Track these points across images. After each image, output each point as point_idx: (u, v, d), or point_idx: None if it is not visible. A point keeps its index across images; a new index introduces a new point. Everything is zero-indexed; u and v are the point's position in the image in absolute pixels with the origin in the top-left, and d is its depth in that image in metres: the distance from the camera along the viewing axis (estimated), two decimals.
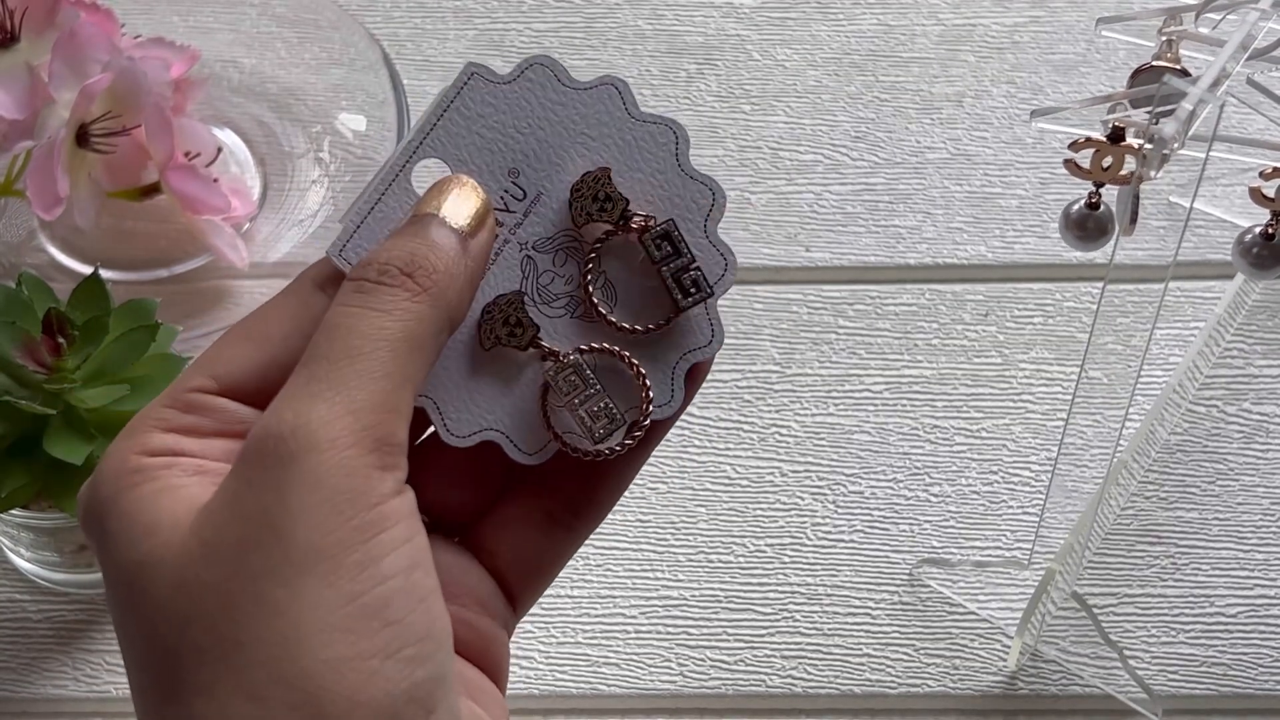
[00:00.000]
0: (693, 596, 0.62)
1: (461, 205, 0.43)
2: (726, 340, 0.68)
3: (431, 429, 0.46)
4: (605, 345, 0.45)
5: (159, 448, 0.41)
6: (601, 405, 0.45)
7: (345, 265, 0.44)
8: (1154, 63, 0.51)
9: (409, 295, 0.41)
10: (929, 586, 0.62)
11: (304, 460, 0.38)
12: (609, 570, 0.63)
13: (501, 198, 0.45)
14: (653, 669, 0.61)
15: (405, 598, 0.39)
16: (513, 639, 0.61)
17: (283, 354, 0.42)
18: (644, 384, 0.45)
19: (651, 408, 0.45)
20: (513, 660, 0.60)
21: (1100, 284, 0.69)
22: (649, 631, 0.61)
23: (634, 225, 0.45)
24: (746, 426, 0.66)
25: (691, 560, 0.63)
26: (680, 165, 0.45)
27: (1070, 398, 0.66)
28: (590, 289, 0.45)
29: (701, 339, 0.46)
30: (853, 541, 0.63)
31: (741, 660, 0.61)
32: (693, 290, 0.45)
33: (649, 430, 0.45)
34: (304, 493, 0.38)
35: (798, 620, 0.62)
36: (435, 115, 0.45)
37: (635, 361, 0.45)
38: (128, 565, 0.39)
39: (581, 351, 0.45)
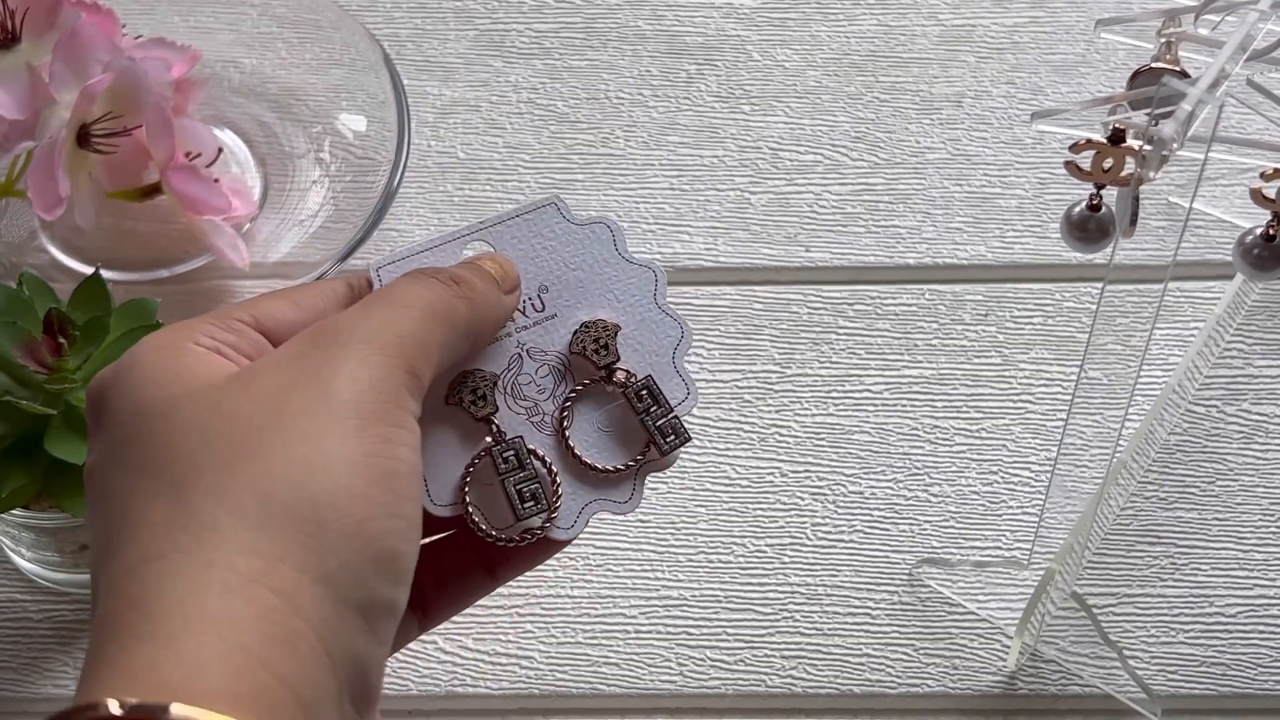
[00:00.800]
0: (693, 596, 0.62)
1: (498, 268, 0.50)
2: (727, 340, 0.68)
3: None
4: (543, 455, 0.51)
5: (205, 343, 0.46)
6: (533, 489, 0.51)
7: (377, 280, 0.51)
8: (1153, 64, 0.51)
9: (453, 291, 0.48)
10: (929, 586, 0.62)
11: (359, 348, 0.45)
12: (609, 570, 0.63)
13: (524, 303, 0.52)
14: (653, 669, 0.61)
15: (407, 484, 0.44)
16: (513, 639, 0.61)
17: (312, 319, 0.48)
18: (555, 503, 0.51)
19: (555, 526, 0.51)
20: (513, 660, 0.60)
21: (1100, 284, 0.69)
22: (649, 631, 0.61)
23: (615, 380, 0.52)
24: (746, 427, 0.66)
25: (691, 560, 0.63)
26: (659, 305, 0.53)
27: (1070, 398, 0.66)
28: (565, 419, 0.52)
29: (620, 497, 0.52)
30: (852, 541, 0.63)
31: (741, 660, 0.61)
32: (671, 436, 0.52)
33: (538, 545, 0.51)
34: (353, 367, 0.44)
35: (797, 620, 0.62)
36: (508, 215, 0.53)
37: (559, 482, 0.51)
38: (155, 401, 0.44)
39: (526, 447, 0.51)
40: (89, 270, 0.59)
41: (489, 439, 0.51)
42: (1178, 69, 0.50)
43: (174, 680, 0.39)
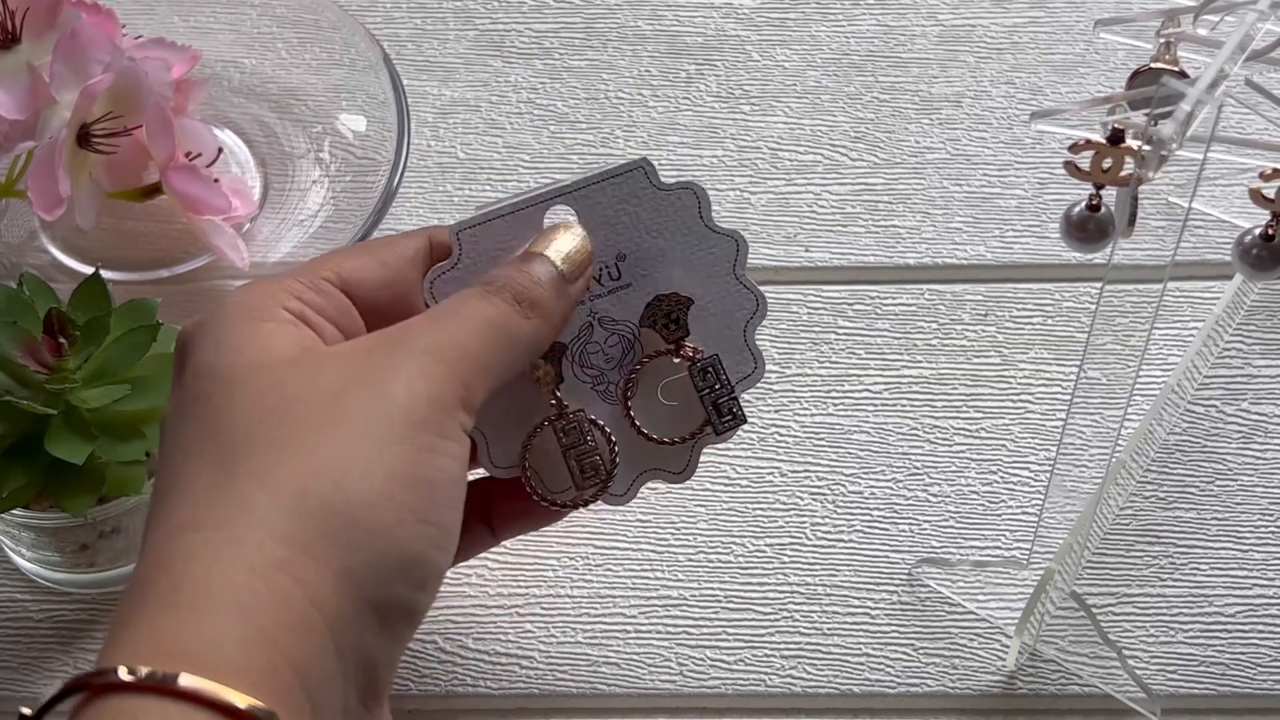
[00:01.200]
0: (693, 596, 0.62)
1: (570, 251, 0.51)
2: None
3: None
4: (603, 424, 0.53)
5: (292, 306, 0.49)
6: (594, 461, 0.53)
7: (456, 244, 0.52)
8: (1152, 64, 0.51)
9: (519, 312, 0.50)
10: (928, 586, 0.62)
11: (422, 358, 0.47)
12: (609, 570, 0.63)
13: (600, 270, 0.53)
14: (653, 669, 0.61)
15: (446, 493, 0.46)
16: (513, 639, 0.61)
17: (398, 279, 0.51)
18: (610, 472, 0.53)
19: (608, 493, 0.53)
20: (513, 660, 0.60)
21: (1099, 284, 0.70)
22: (649, 631, 0.61)
23: (684, 353, 0.53)
24: (746, 427, 0.66)
25: (691, 560, 0.63)
26: (737, 275, 0.54)
27: (1069, 398, 0.66)
28: (629, 389, 0.53)
29: (675, 467, 0.54)
30: (852, 541, 0.64)
31: (741, 660, 0.61)
32: (728, 417, 0.54)
33: (521, 507, 0.53)
34: (412, 375, 0.46)
35: (797, 620, 0.62)
36: (592, 179, 0.53)
37: (617, 452, 0.53)
38: (229, 367, 0.46)
39: (588, 420, 0.53)
40: (89, 270, 0.59)
41: (552, 409, 0.53)
42: (1177, 69, 0.50)
43: (190, 653, 0.41)
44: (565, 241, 0.52)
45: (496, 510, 0.55)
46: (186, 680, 0.41)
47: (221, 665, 0.41)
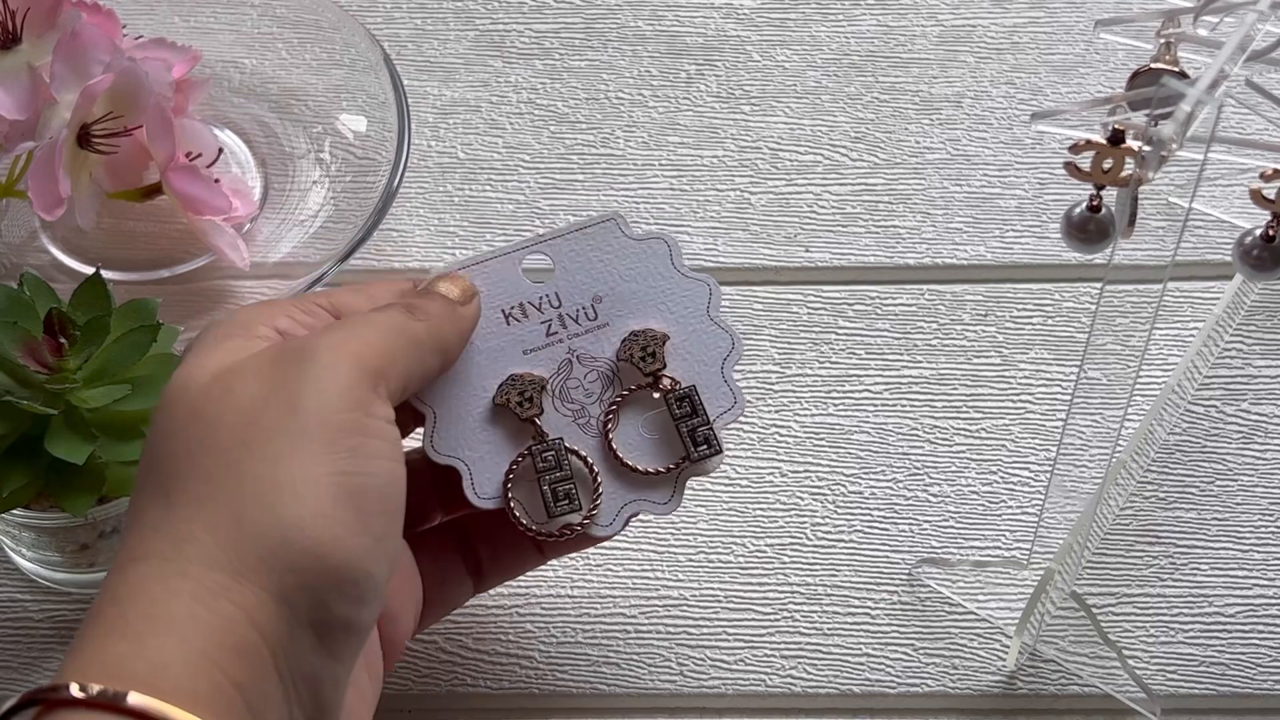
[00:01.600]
0: (693, 596, 0.62)
1: (451, 288, 0.54)
2: None
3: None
4: (585, 455, 0.54)
5: (281, 324, 0.50)
6: (567, 489, 0.54)
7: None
8: (1152, 65, 0.51)
9: (409, 315, 0.51)
10: (928, 586, 0.62)
11: (324, 355, 0.47)
12: (609, 570, 0.63)
13: (578, 311, 0.56)
14: (653, 669, 0.61)
15: (379, 500, 0.47)
16: (513, 639, 0.61)
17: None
18: (596, 502, 0.54)
19: (594, 524, 0.54)
20: (513, 660, 0.60)
21: (1099, 284, 0.70)
22: (649, 631, 0.61)
23: (662, 386, 0.55)
24: (746, 427, 0.66)
25: (691, 560, 0.63)
26: (711, 317, 0.56)
27: (1069, 398, 0.66)
28: (609, 422, 0.55)
29: (659, 498, 0.55)
30: (852, 541, 0.64)
31: (741, 660, 0.61)
32: (704, 445, 0.55)
33: (576, 539, 0.55)
34: (319, 375, 0.47)
35: (797, 620, 0.62)
36: (568, 230, 0.56)
37: (600, 481, 0.55)
38: (171, 388, 0.48)
39: (566, 447, 0.54)
40: (89, 270, 0.59)
41: (532, 439, 0.55)
42: (1177, 69, 0.50)
43: (138, 674, 0.43)
44: (447, 283, 0.54)
45: (480, 557, 0.57)
46: (135, 699, 0.42)
47: (167, 686, 0.43)
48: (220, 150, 0.70)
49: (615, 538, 0.56)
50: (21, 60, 0.65)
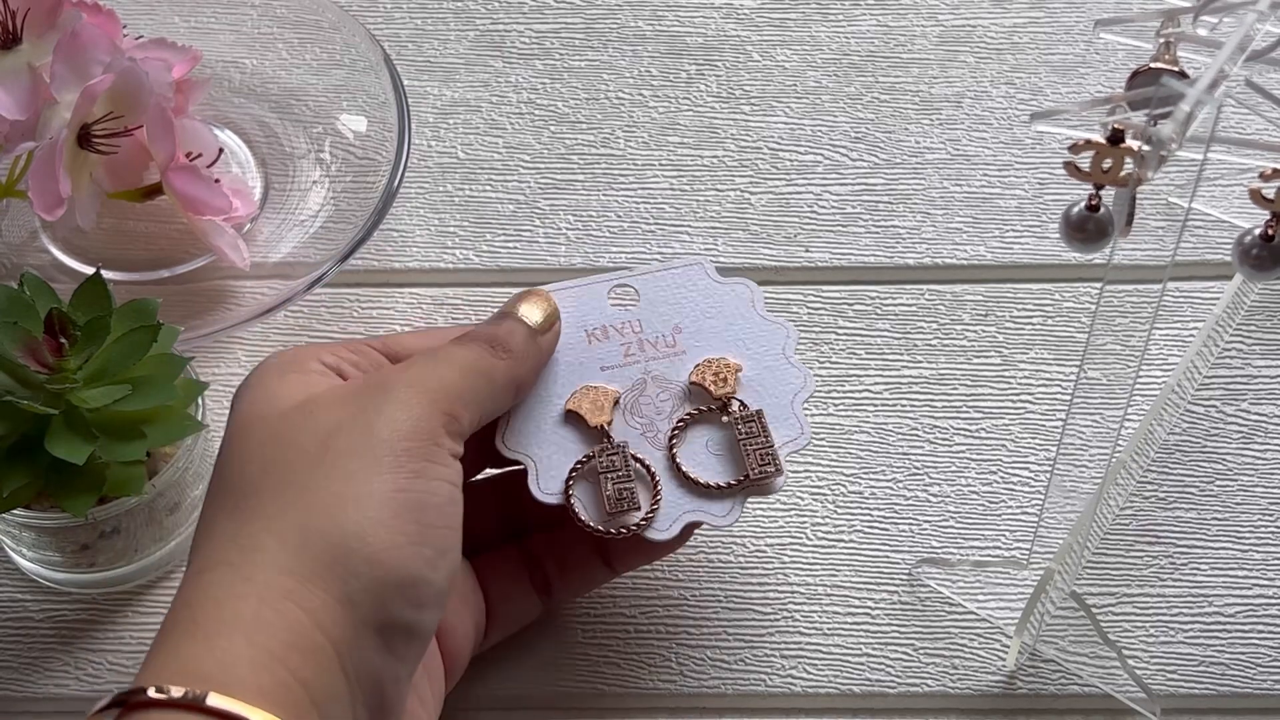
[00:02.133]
0: (693, 596, 0.62)
1: (534, 311, 0.57)
2: None
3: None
4: (648, 463, 0.57)
5: (328, 360, 0.54)
6: (628, 490, 0.57)
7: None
8: (1152, 64, 0.51)
9: (491, 353, 0.55)
10: (928, 586, 0.62)
11: (402, 391, 0.51)
12: None
13: (657, 337, 0.59)
14: (653, 669, 0.61)
15: (438, 515, 0.50)
16: (513, 639, 0.61)
17: (438, 345, 0.55)
18: (655, 505, 0.57)
19: (651, 527, 0.57)
20: (514, 660, 0.60)
21: (1099, 284, 0.70)
22: (649, 631, 0.62)
23: (730, 410, 0.58)
24: None
25: (691, 560, 0.63)
26: (787, 357, 0.59)
27: (1069, 398, 0.66)
28: (675, 436, 0.58)
29: (719, 512, 0.57)
30: (852, 541, 0.64)
31: (741, 660, 0.61)
32: (767, 465, 0.57)
33: (633, 541, 0.57)
34: (394, 410, 0.51)
35: (797, 620, 0.62)
36: (658, 267, 0.61)
37: (661, 490, 0.57)
38: (245, 416, 0.52)
39: (630, 453, 0.57)
40: (90, 270, 0.59)
41: (599, 443, 0.57)
42: (1177, 69, 0.50)
43: (208, 673, 0.46)
44: (531, 304, 0.57)
45: (549, 574, 0.60)
46: (214, 700, 0.45)
47: (236, 684, 0.46)
48: (220, 150, 0.70)
49: (677, 551, 0.59)
50: (22, 60, 0.65)
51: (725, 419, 0.58)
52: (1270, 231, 0.51)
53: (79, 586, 0.62)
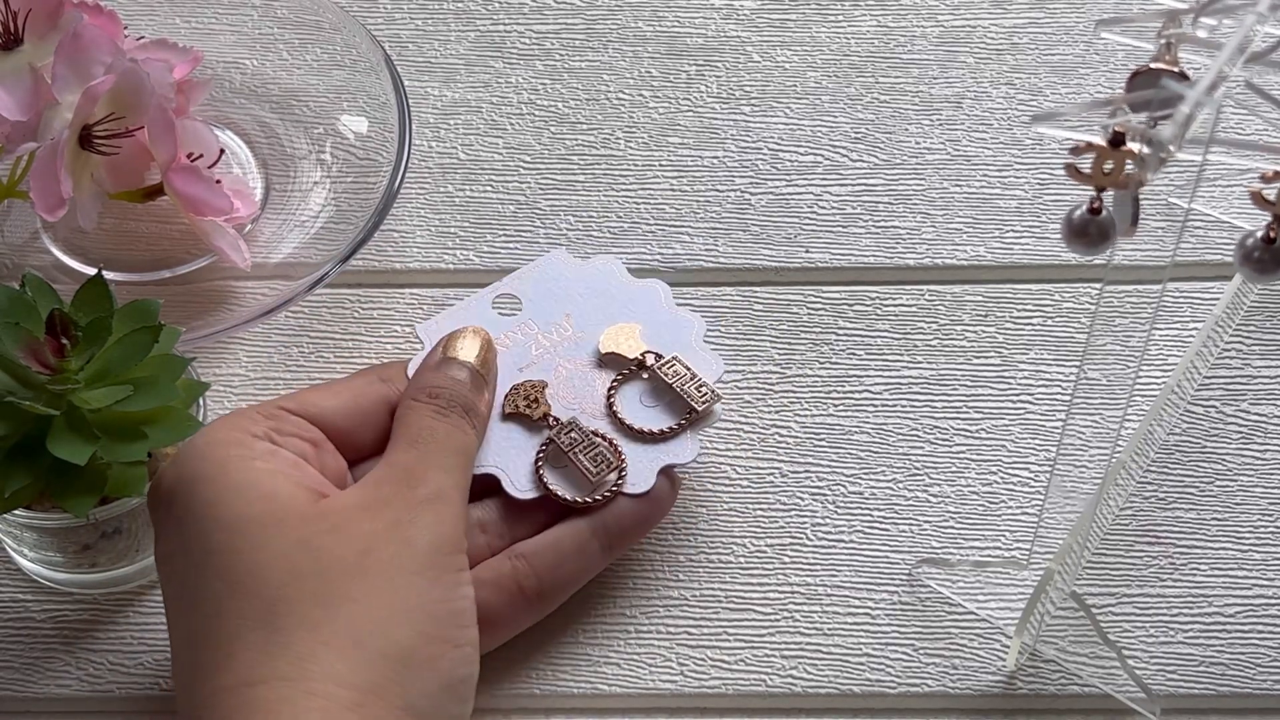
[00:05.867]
0: (693, 596, 0.62)
1: (476, 350, 0.60)
2: (727, 341, 0.68)
3: None
4: (601, 432, 0.60)
5: (258, 431, 0.55)
6: (598, 452, 0.60)
7: (426, 338, 0.62)
8: (1152, 65, 0.51)
9: (474, 429, 0.58)
10: (928, 586, 0.63)
11: (432, 505, 0.54)
12: (609, 570, 0.63)
13: (551, 326, 0.63)
14: (653, 669, 0.61)
15: (470, 614, 0.54)
16: (513, 639, 0.61)
17: (351, 405, 0.59)
18: (623, 463, 0.60)
19: (628, 483, 0.60)
20: (513, 660, 0.60)
21: (1099, 285, 0.70)
22: (649, 631, 0.62)
23: (647, 365, 0.62)
24: (746, 427, 0.66)
25: (691, 560, 0.63)
26: (669, 308, 0.64)
27: (1069, 398, 0.66)
28: (612, 399, 0.61)
29: (680, 451, 0.61)
30: (852, 542, 0.64)
31: (741, 660, 0.61)
32: (704, 393, 0.61)
33: (640, 513, 0.60)
34: (428, 524, 0.53)
35: (797, 620, 0.62)
36: (522, 270, 0.65)
37: (621, 450, 0.60)
38: (242, 519, 0.52)
39: (583, 426, 0.60)
40: (91, 271, 0.59)
41: (548, 430, 0.60)
42: (1176, 70, 0.50)
43: None
44: (469, 343, 0.60)
45: (543, 574, 0.60)
46: None
47: None
48: (221, 151, 0.70)
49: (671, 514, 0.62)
50: (23, 61, 0.65)
51: (646, 375, 0.62)
52: (1272, 234, 0.51)
53: (80, 587, 0.62)
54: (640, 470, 0.60)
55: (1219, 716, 0.60)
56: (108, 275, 0.58)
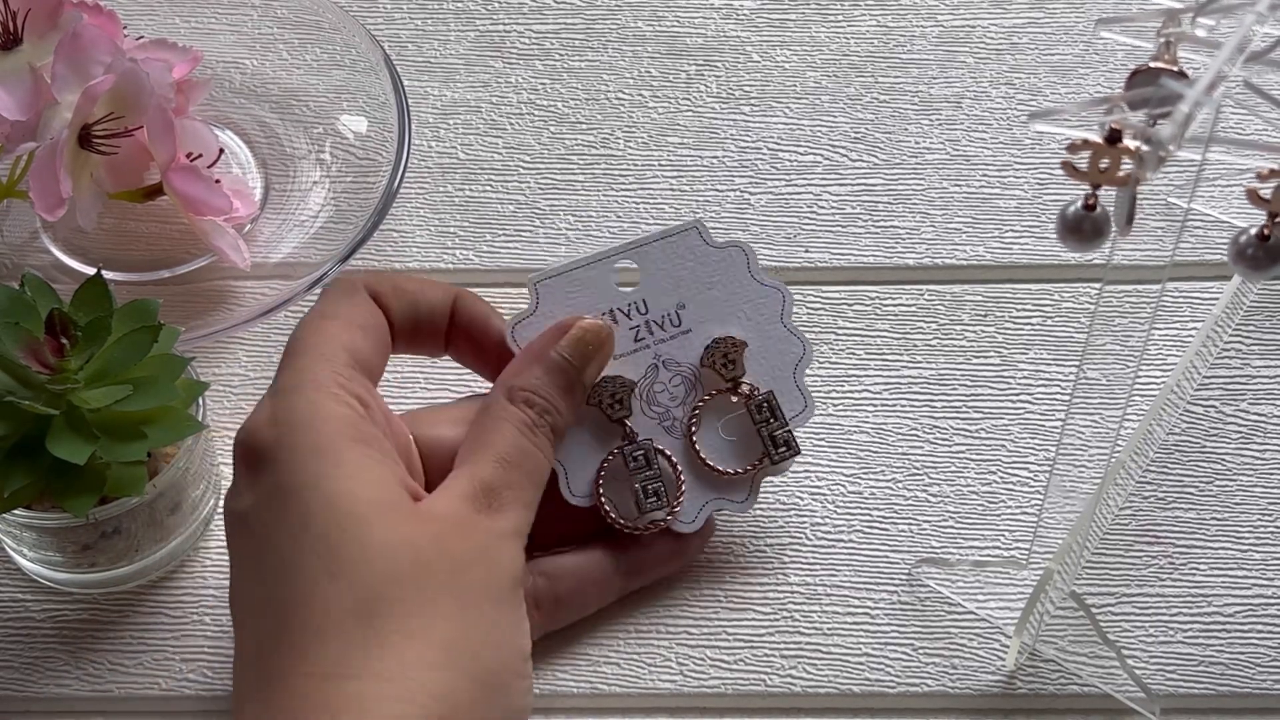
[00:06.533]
0: (693, 596, 0.62)
1: (578, 348, 0.58)
2: None
3: None
4: (670, 455, 0.59)
5: (365, 414, 0.55)
6: (656, 487, 0.59)
7: (534, 294, 0.59)
8: (1151, 64, 0.51)
9: (553, 447, 0.57)
10: (928, 586, 0.63)
11: (516, 540, 0.55)
12: None
13: (663, 317, 0.60)
14: (653, 669, 0.61)
15: (528, 654, 0.54)
16: None
17: (460, 436, 0.58)
18: (679, 496, 0.59)
19: (677, 520, 0.59)
20: None
21: (1098, 284, 0.70)
22: (649, 631, 0.62)
23: (741, 391, 0.60)
24: None
25: (692, 560, 0.63)
26: (785, 323, 0.61)
27: (1069, 398, 0.66)
28: (693, 424, 0.60)
29: (737, 497, 0.60)
30: (852, 541, 0.64)
31: (741, 660, 0.61)
32: (783, 448, 0.60)
33: (671, 551, 0.60)
34: (515, 555, 0.54)
35: (797, 620, 0.62)
36: (654, 237, 0.60)
37: (684, 480, 0.59)
38: (348, 514, 0.52)
39: (655, 448, 0.59)
40: (91, 271, 0.59)
41: (622, 439, 0.59)
42: (1176, 69, 0.50)
43: None
44: (571, 340, 0.58)
45: (563, 593, 0.61)
46: None
47: None
48: (221, 151, 0.70)
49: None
50: (23, 61, 0.65)
51: (735, 399, 0.60)
52: (1266, 231, 0.51)
53: (80, 586, 0.62)
54: (691, 507, 0.60)
55: (1219, 716, 0.60)
56: (107, 275, 0.58)
